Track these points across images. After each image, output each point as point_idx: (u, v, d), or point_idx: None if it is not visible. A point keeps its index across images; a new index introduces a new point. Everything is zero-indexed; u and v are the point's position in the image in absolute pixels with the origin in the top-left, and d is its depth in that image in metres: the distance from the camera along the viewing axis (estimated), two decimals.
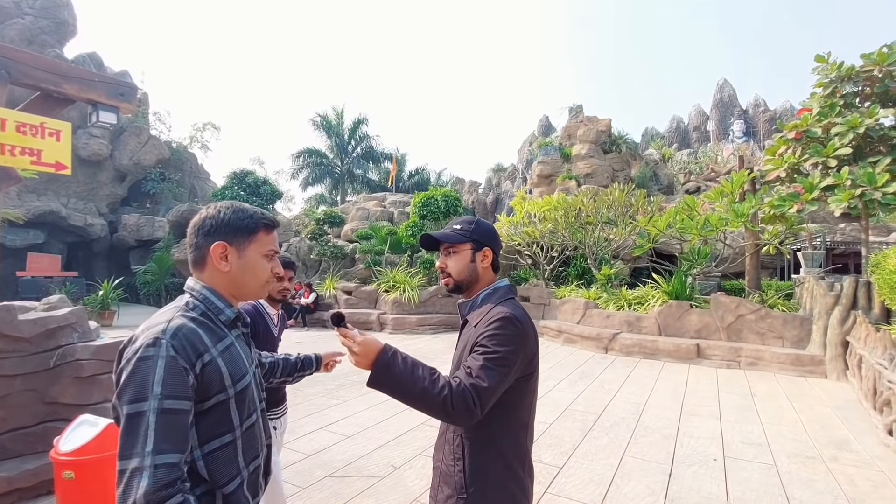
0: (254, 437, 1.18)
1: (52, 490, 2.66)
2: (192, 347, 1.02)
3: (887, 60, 7.03)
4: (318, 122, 28.86)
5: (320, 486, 3.35)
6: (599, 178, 17.36)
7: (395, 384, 1.19)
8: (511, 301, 1.39)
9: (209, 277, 1.17)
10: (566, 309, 10.02)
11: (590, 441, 4.27)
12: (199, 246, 1.16)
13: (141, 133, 18.90)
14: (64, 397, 3.21)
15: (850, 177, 6.62)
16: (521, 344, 1.28)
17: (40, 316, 3.23)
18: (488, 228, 1.48)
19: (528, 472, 1.38)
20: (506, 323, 1.27)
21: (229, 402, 1.09)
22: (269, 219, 1.23)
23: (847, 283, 6.62)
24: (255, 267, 1.19)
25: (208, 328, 1.10)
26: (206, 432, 1.05)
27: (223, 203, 1.20)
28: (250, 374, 1.18)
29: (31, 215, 15.20)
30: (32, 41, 16.35)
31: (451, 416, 1.18)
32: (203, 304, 1.14)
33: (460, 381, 1.20)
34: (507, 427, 1.32)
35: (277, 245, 1.27)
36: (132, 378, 0.95)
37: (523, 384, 1.33)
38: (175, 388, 0.95)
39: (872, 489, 3.38)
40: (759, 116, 25.54)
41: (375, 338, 1.25)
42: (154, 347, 0.97)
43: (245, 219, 1.18)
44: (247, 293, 1.22)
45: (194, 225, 1.17)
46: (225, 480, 1.07)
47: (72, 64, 6.63)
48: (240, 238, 1.16)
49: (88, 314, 3.72)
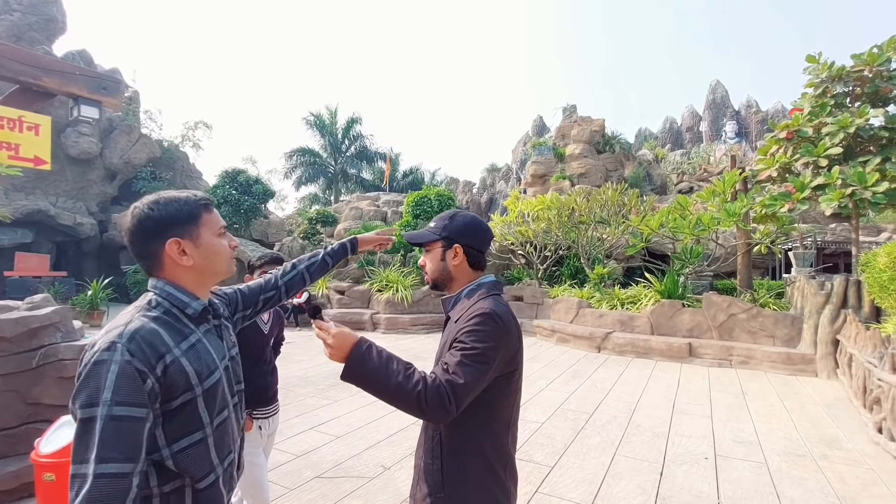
0: (226, 433, 1.16)
1: (33, 493, 2.60)
2: (151, 349, 0.98)
3: (877, 61, 7.08)
4: (312, 121, 28.73)
5: (309, 487, 3.31)
6: (593, 177, 17.40)
7: (368, 378, 1.16)
8: (494, 297, 1.34)
9: (171, 275, 1.12)
10: (559, 308, 10.02)
11: (581, 440, 4.25)
12: (150, 253, 1.10)
13: (132, 131, 18.71)
14: (47, 398, 3.14)
15: (840, 176, 6.66)
16: (501, 341, 1.23)
17: (22, 315, 3.16)
18: (461, 224, 1.39)
19: (510, 473, 1.34)
20: (485, 319, 1.23)
21: (197, 400, 1.06)
22: (203, 198, 1.18)
23: (837, 283, 6.66)
24: (215, 249, 1.16)
25: (171, 327, 1.07)
26: (175, 431, 1.03)
27: (148, 199, 1.12)
28: (220, 370, 1.14)
29: (19, 214, 15.00)
30: (20, 38, 16.14)
31: (425, 413, 1.14)
32: (167, 301, 1.10)
33: (436, 377, 1.17)
34: (488, 426, 1.29)
35: (223, 220, 1.22)
36: (86, 383, 0.92)
37: (504, 383, 1.29)
38: (127, 394, 0.92)
39: (862, 487, 3.39)
40: (751, 117, 25.73)
41: (351, 331, 1.21)
42: (109, 352, 0.94)
43: (183, 206, 1.12)
44: (216, 275, 1.18)
45: (131, 232, 1.10)
46: (199, 476, 1.05)
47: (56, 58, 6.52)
48: (188, 227, 1.11)
49: (77, 314, 3.67)
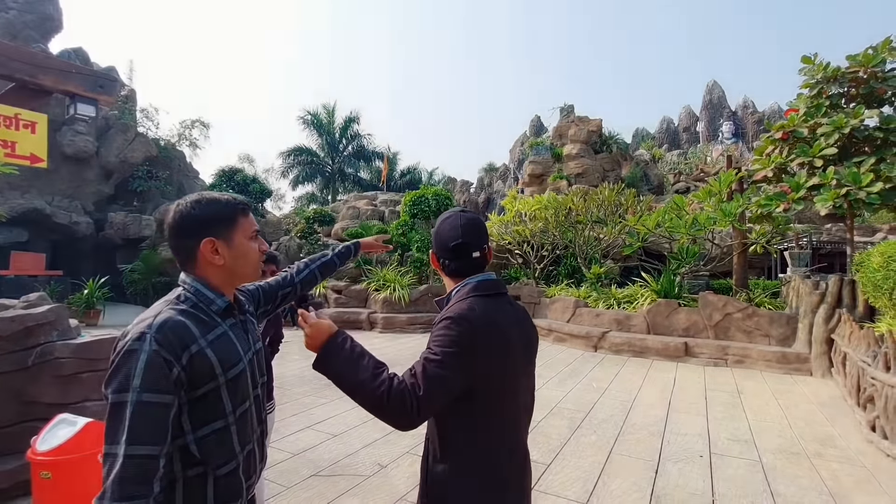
0: (247, 423, 1.21)
1: (29, 491, 2.60)
2: (177, 339, 1.05)
3: (872, 62, 7.12)
4: (309, 120, 28.64)
5: (306, 485, 3.32)
6: (590, 177, 17.43)
7: (336, 370, 1.16)
8: (474, 298, 1.26)
9: (202, 272, 1.19)
10: (556, 308, 10.04)
11: (578, 438, 4.27)
12: (186, 247, 1.18)
13: (128, 130, 18.64)
14: (43, 396, 3.14)
15: (835, 176, 6.69)
16: (466, 346, 1.15)
17: (18, 313, 3.16)
18: (441, 228, 1.35)
19: (506, 487, 1.24)
20: (448, 323, 1.18)
21: (220, 389, 1.12)
22: (242, 202, 1.26)
23: (832, 282, 6.70)
24: (245, 252, 1.23)
25: (198, 319, 1.13)
26: (200, 418, 1.09)
27: (192, 198, 1.20)
28: (244, 362, 1.20)
29: (15, 213, 14.93)
30: (16, 35, 16.05)
31: (385, 415, 1.11)
32: (194, 297, 1.17)
33: (402, 380, 1.13)
34: (468, 436, 1.21)
35: (256, 224, 1.29)
36: (117, 370, 0.99)
37: (479, 390, 1.19)
38: (154, 381, 0.99)
39: (856, 485, 3.41)
40: (747, 118, 25.82)
41: (332, 323, 1.22)
42: (139, 342, 1.01)
43: (222, 209, 1.20)
44: (244, 277, 1.26)
45: (172, 227, 1.18)
46: (220, 463, 1.11)
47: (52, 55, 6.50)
48: (224, 229, 1.19)
49: (73, 313, 3.66)
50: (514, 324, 1.30)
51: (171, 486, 1.06)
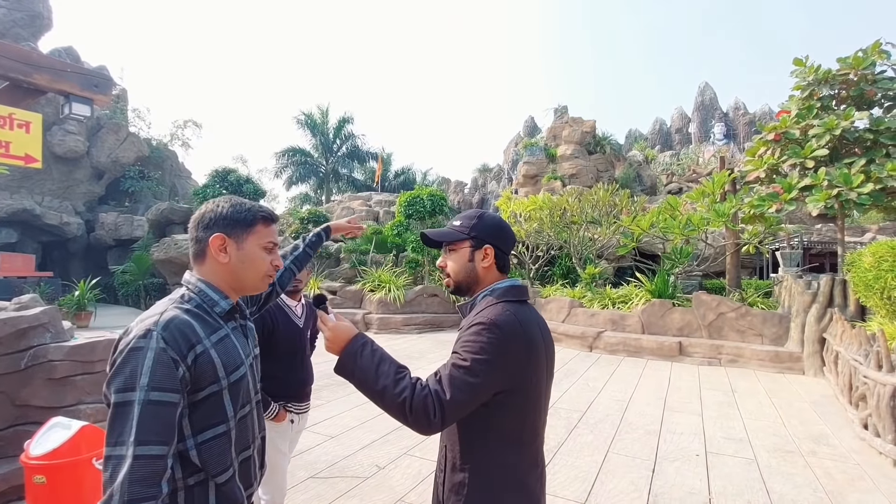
0: (246, 428, 1.20)
1: (22, 496, 2.56)
2: (183, 339, 1.03)
3: (862, 64, 7.22)
4: (303, 120, 28.51)
5: (303, 487, 3.30)
6: (584, 178, 17.52)
7: (358, 375, 1.13)
8: (505, 304, 1.21)
9: (208, 270, 1.19)
10: (551, 308, 10.07)
11: (574, 438, 4.28)
12: (200, 239, 1.18)
13: (119, 130, 18.48)
14: (36, 399, 3.09)
15: (826, 177, 6.78)
16: (497, 354, 1.12)
17: (10, 316, 3.11)
18: (492, 223, 1.31)
19: (530, 499, 1.21)
20: (481, 329, 1.14)
21: (223, 392, 1.10)
22: (267, 211, 1.25)
23: (824, 282, 6.77)
24: (254, 259, 1.20)
25: (202, 320, 1.12)
26: (200, 422, 1.07)
27: (223, 198, 1.23)
28: (245, 366, 1.19)
29: (4, 214, 14.75)
30: (5, 34, 15.86)
31: (408, 421, 1.08)
32: (198, 297, 1.16)
33: (426, 386, 1.10)
34: (491, 446, 1.18)
35: (277, 238, 1.28)
36: (122, 368, 0.97)
37: (506, 398, 1.16)
38: (162, 380, 0.97)
39: (849, 482, 3.45)
40: (739, 119, 26.06)
41: (351, 325, 1.20)
42: (145, 339, 0.99)
43: (243, 211, 1.20)
44: (246, 285, 1.23)
45: (195, 219, 1.20)
46: (218, 470, 1.08)
47: None
48: (238, 230, 1.18)
49: (64, 315, 3.62)
50: (540, 332, 1.26)
51: (173, 496, 1.03)
